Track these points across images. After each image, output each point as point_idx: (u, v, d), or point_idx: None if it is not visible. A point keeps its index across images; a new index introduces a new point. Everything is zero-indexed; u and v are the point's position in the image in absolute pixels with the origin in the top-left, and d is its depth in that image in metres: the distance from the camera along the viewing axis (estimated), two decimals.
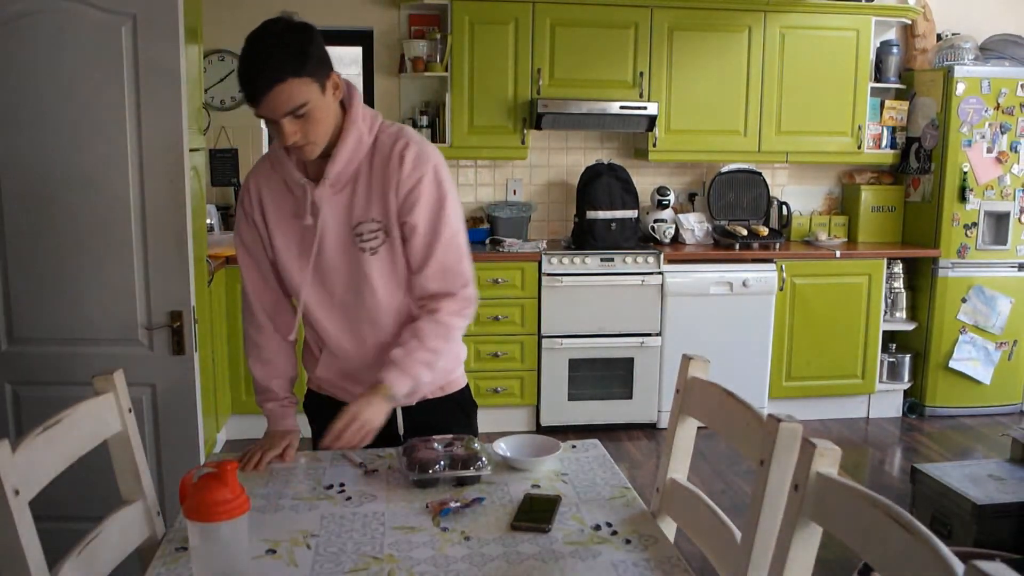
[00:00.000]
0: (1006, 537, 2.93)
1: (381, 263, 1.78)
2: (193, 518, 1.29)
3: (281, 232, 1.80)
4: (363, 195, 1.76)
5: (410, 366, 1.75)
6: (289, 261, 1.81)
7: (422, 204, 1.74)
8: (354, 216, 1.76)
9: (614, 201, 4.54)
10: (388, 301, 1.81)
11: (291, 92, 1.58)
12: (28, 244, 2.36)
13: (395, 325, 1.83)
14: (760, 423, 1.42)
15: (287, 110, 1.59)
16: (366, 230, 1.76)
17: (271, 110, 1.59)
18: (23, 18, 2.27)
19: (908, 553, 1.04)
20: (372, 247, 1.77)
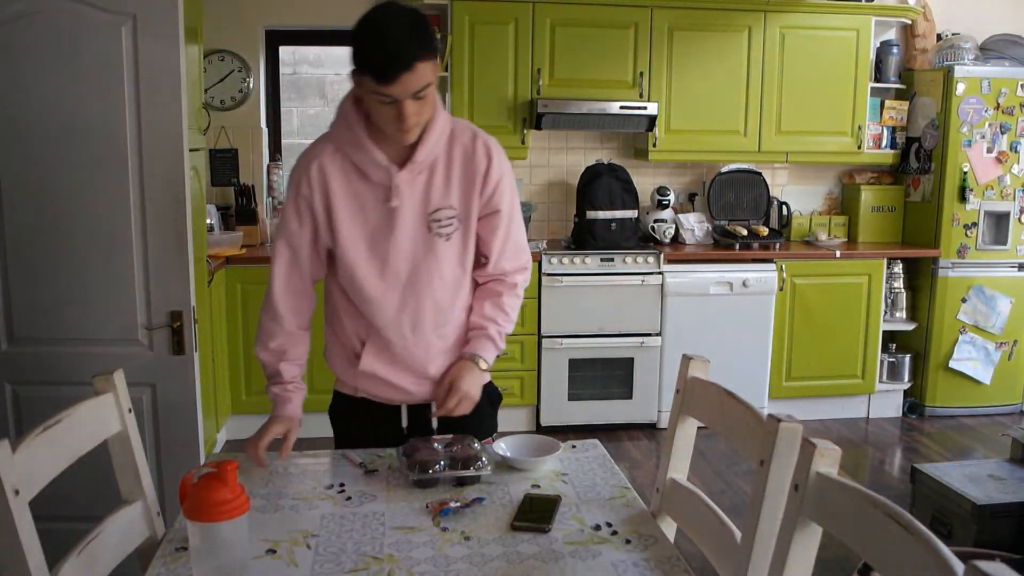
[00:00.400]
0: (1006, 537, 2.93)
1: (452, 249, 1.82)
2: (193, 518, 1.29)
3: (349, 217, 1.78)
4: (442, 181, 1.79)
5: (498, 337, 1.86)
6: (353, 247, 1.79)
7: (507, 193, 1.86)
8: (432, 202, 1.79)
9: (614, 201, 4.54)
10: (453, 287, 1.84)
11: (424, 73, 1.61)
12: (28, 244, 2.36)
13: (456, 310, 1.86)
14: (760, 423, 1.42)
15: (416, 89, 1.62)
16: (443, 216, 1.80)
17: (403, 89, 1.60)
18: (23, 18, 2.27)
19: (908, 553, 1.04)
20: (447, 233, 1.80)
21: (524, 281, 1.95)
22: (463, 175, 1.80)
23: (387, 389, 1.89)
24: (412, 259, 1.80)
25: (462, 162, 1.80)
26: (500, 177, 1.83)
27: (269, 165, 4.75)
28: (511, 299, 1.90)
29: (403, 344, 1.84)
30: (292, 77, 5.21)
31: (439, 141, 1.78)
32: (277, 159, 4.82)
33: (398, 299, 1.81)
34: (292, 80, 5.21)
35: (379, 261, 1.80)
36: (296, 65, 5.24)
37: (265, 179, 4.72)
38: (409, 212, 1.78)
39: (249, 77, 4.64)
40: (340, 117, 1.79)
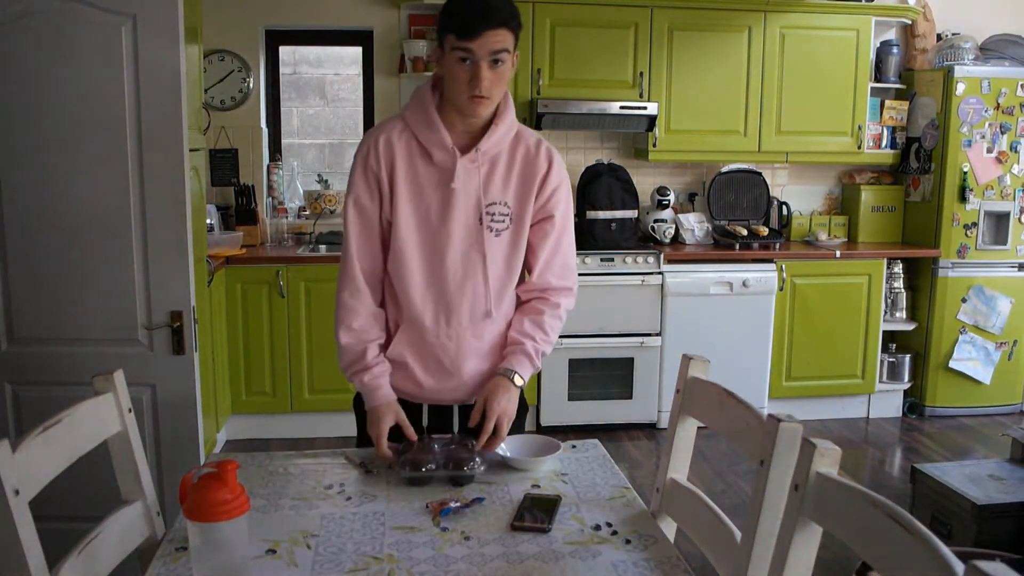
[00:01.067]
0: (1006, 537, 2.93)
1: (501, 246, 1.84)
2: (193, 518, 1.29)
3: (408, 195, 1.80)
4: (501, 177, 1.82)
5: (536, 356, 1.86)
6: (407, 226, 1.80)
7: (563, 204, 1.88)
8: (489, 195, 1.81)
9: (614, 201, 4.54)
10: (497, 286, 1.84)
11: (506, 38, 1.68)
12: (28, 244, 2.36)
13: (496, 313, 1.86)
14: (760, 423, 1.42)
15: (497, 50, 1.67)
16: (497, 211, 1.82)
17: (484, 46, 1.66)
18: (23, 18, 2.27)
19: (908, 553, 1.04)
20: (498, 229, 1.82)
21: (568, 305, 1.93)
22: (522, 175, 1.84)
23: (408, 382, 1.88)
24: (461, 248, 1.81)
25: (523, 163, 1.84)
26: (558, 185, 1.87)
27: (269, 165, 4.75)
28: (552, 320, 1.89)
29: (436, 333, 1.84)
30: (292, 77, 5.21)
31: (505, 136, 1.82)
32: (277, 159, 4.82)
33: (441, 285, 1.82)
34: (292, 80, 5.21)
35: (429, 244, 1.81)
36: (296, 65, 5.24)
37: (265, 179, 4.72)
38: (464, 199, 1.80)
39: (249, 77, 4.64)
40: (415, 99, 1.83)
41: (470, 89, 1.70)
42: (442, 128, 1.78)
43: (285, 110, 5.03)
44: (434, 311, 1.83)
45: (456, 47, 1.68)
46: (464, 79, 1.70)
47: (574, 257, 1.94)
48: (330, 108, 5.29)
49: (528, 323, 1.87)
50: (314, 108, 5.28)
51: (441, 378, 1.87)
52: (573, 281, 1.94)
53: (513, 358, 1.84)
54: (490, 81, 1.70)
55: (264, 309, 4.23)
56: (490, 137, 1.79)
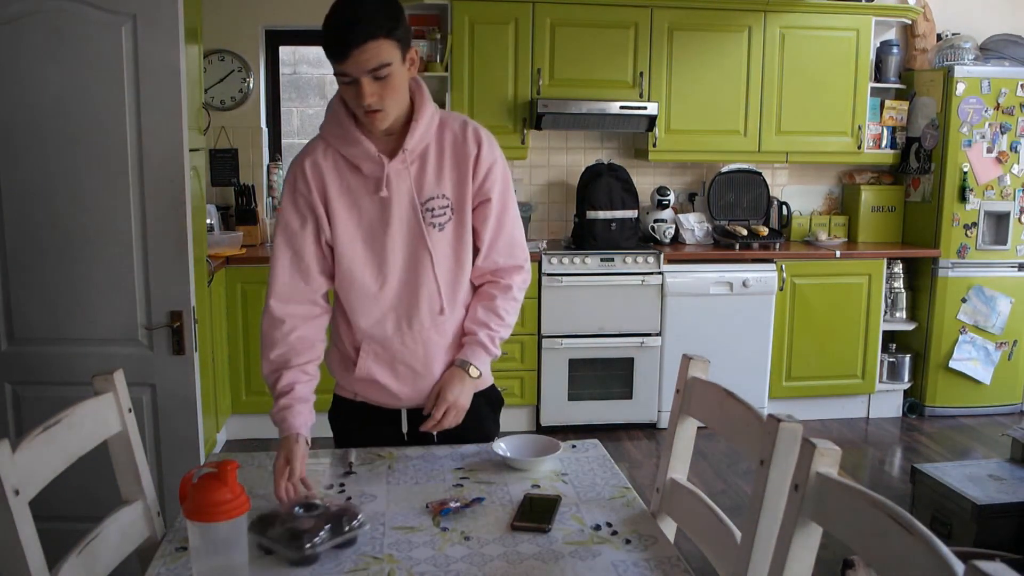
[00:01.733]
0: (1006, 537, 2.93)
1: (446, 240, 1.81)
2: (193, 518, 1.29)
3: (344, 210, 1.78)
4: (433, 171, 1.79)
5: (489, 342, 1.83)
6: (350, 240, 1.79)
7: (499, 182, 1.84)
8: (424, 191, 1.79)
9: (614, 201, 4.54)
10: (450, 279, 1.83)
11: (379, 50, 1.62)
12: (28, 244, 2.36)
13: (454, 306, 1.84)
14: (760, 423, 1.42)
15: (371, 67, 1.62)
16: (436, 205, 1.79)
17: (356, 65, 1.62)
18: (23, 18, 2.27)
19: (908, 553, 1.04)
20: (440, 223, 1.80)
21: (521, 282, 1.90)
22: (454, 163, 1.80)
23: (385, 395, 1.88)
24: (407, 250, 1.79)
25: (452, 150, 1.80)
26: (491, 164, 1.82)
27: (269, 165, 4.75)
28: (505, 302, 1.86)
29: (401, 340, 1.82)
30: (292, 77, 5.21)
31: (428, 130, 1.78)
32: (277, 159, 4.82)
33: (394, 292, 1.81)
34: (292, 80, 5.21)
35: (375, 255, 1.79)
36: (296, 65, 5.24)
37: (265, 179, 4.72)
38: (402, 202, 1.77)
39: (249, 77, 4.64)
40: (330, 115, 1.80)
41: (358, 106, 1.67)
42: (363, 139, 1.74)
43: (285, 110, 5.03)
44: (395, 319, 1.82)
45: (335, 71, 1.65)
46: (351, 97, 1.67)
47: (520, 232, 1.91)
48: None
49: (481, 311, 1.85)
50: (314, 108, 5.28)
51: (415, 383, 1.86)
52: (523, 258, 1.91)
53: (468, 349, 1.83)
54: (377, 96, 1.65)
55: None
56: (413, 135, 1.75)
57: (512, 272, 1.89)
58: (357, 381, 1.88)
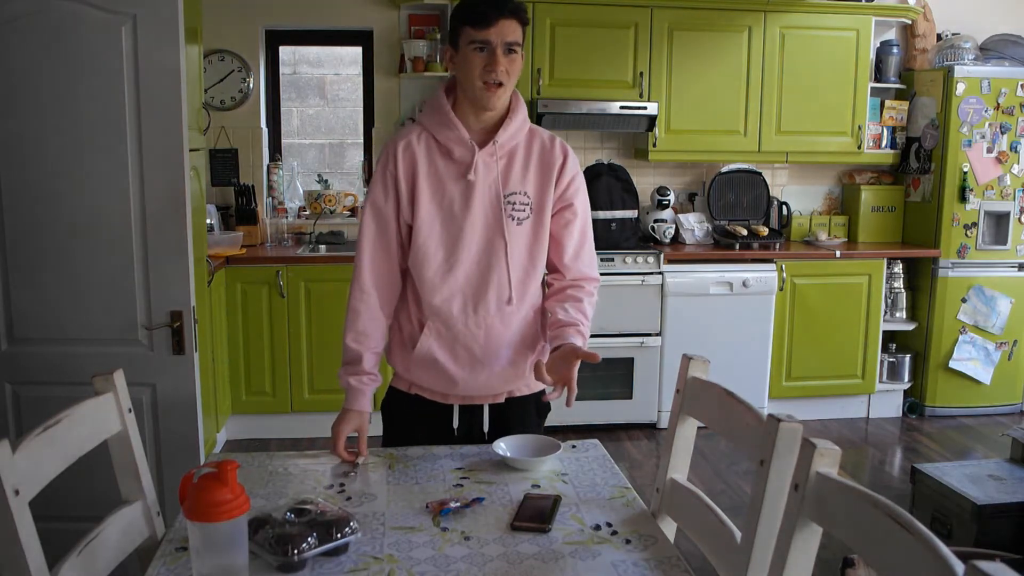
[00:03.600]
0: (1006, 537, 2.93)
1: (523, 234, 1.88)
2: (193, 518, 1.29)
3: (429, 192, 1.85)
4: (520, 169, 1.89)
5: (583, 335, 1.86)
6: (430, 222, 1.85)
7: (582, 194, 1.95)
8: (509, 185, 1.87)
9: (614, 201, 4.54)
10: (520, 274, 1.88)
11: (517, 29, 1.79)
12: (28, 244, 2.36)
13: (522, 301, 1.89)
14: (760, 423, 1.42)
15: (510, 40, 1.77)
16: (517, 200, 1.87)
17: (499, 33, 1.76)
18: (23, 18, 2.27)
19: (908, 553, 1.04)
20: (519, 217, 1.88)
21: (593, 291, 1.97)
22: (540, 167, 1.90)
23: (439, 379, 1.90)
24: (483, 237, 1.86)
25: (539, 155, 1.90)
26: (575, 175, 1.93)
27: (269, 165, 4.75)
28: (589, 307, 1.92)
29: (464, 322, 1.87)
30: (292, 77, 5.21)
31: (520, 130, 1.89)
32: (277, 159, 4.82)
33: (465, 275, 1.86)
34: (292, 80, 5.20)
35: (451, 236, 1.85)
36: (296, 65, 5.23)
37: (265, 179, 4.72)
38: (485, 191, 1.85)
39: (249, 77, 4.64)
40: (429, 106, 1.91)
41: (486, 75, 1.77)
42: (459, 125, 1.84)
43: (285, 110, 5.03)
44: (461, 301, 1.87)
45: (472, 39, 1.77)
46: (480, 66, 1.77)
47: (593, 246, 2.00)
48: (330, 108, 5.29)
49: (572, 308, 1.89)
50: (314, 108, 5.28)
51: (473, 369, 1.89)
52: (596, 266, 1.99)
53: (573, 337, 1.82)
54: (505, 68, 1.78)
55: (264, 309, 4.23)
56: (506, 129, 1.85)
57: (592, 283, 1.96)
58: (415, 363, 1.91)
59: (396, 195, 1.87)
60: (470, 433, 1.95)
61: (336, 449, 1.83)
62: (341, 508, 1.51)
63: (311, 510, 1.46)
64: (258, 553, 1.39)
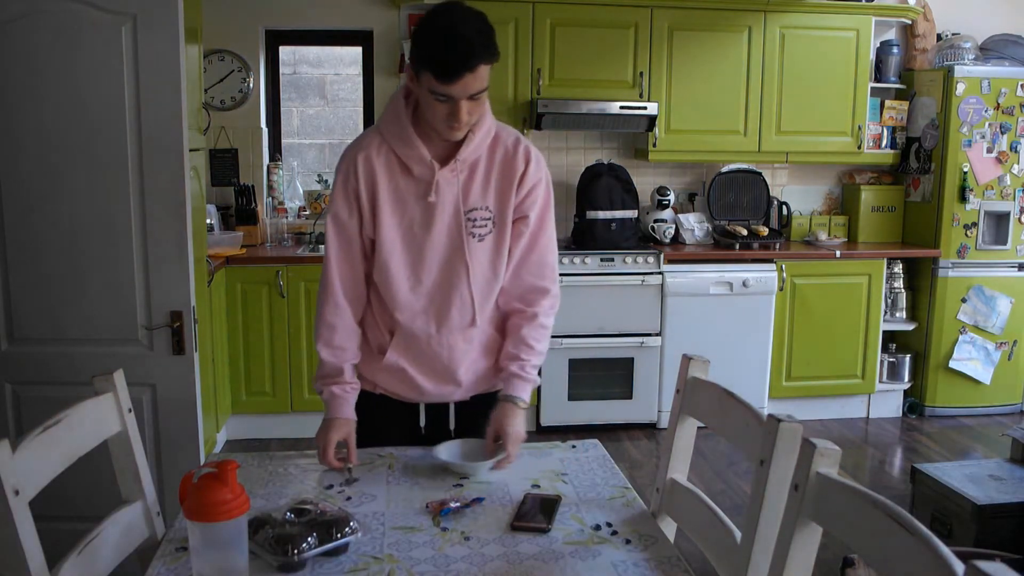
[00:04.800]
0: (1006, 537, 2.93)
1: (484, 251, 1.83)
2: (193, 518, 1.29)
3: (390, 209, 1.81)
4: (480, 183, 1.82)
5: (530, 374, 1.86)
6: (391, 239, 1.81)
7: (540, 201, 1.86)
8: (469, 201, 1.81)
9: (614, 201, 4.54)
10: (482, 289, 1.85)
11: (484, 75, 1.66)
12: (28, 244, 2.37)
13: (481, 315, 1.87)
14: (760, 423, 1.42)
15: (475, 91, 1.65)
16: (478, 216, 1.82)
17: (463, 88, 1.63)
18: (23, 18, 2.27)
19: (908, 553, 1.04)
20: (480, 234, 1.82)
21: (548, 307, 1.91)
22: (501, 177, 1.82)
23: (407, 387, 1.91)
24: (445, 256, 1.82)
25: (502, 164, 1.83)
26: (536, 183, 1.84)
27: (269, 165, 4.75)
28: (532, 330, 1.88)
29: (427, 341, 1.86)
30: (292, 77, 5.21)
31: (483, 142, 1.81)
32: (277, 159, 4.82)
33: (428, 295, 1.84)
34: (292, 80, 5.20)
35: (414, 255, 1.82)
36: (296, 65, 5.24)
37: (265, 179, 4.72)
38: (446, 209, 1.80)
39: (249, 77, 4.64)
40: (389, 111, 1.82)
41: (448, 123, 1.69)
42: (419, 143, 1.77)
43: (285, 110, 5.03)
44: (424, 320, 1.85)
45: (433, 89, 1.64)
46: (442, 115, 1.68)
47: (553, 257, 1.92)
48: (330, 108, 5.30)
49: (511, 344, 1.88)
50: (314, 108, 5.28)
51: (439, 382, 1.90)
52: (551, 280, 1.91)
53: (507, 384, 1.85)
54: (469, 114, 1.68)
55: (264, 309, 4.23)
56: (468, 146, 1.78)
57: (539, 296, 1.90)
58: (381, 371, 1.91)
59: (359, 210, 1.82)
60: (438, 432, 1.93)
61: (326, 458, 1.80)
62: (341, 508, 1.51)
63: (311, 510, 1.46)
64: (258, 553, 1.39)
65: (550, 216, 1.90)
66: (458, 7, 1.68)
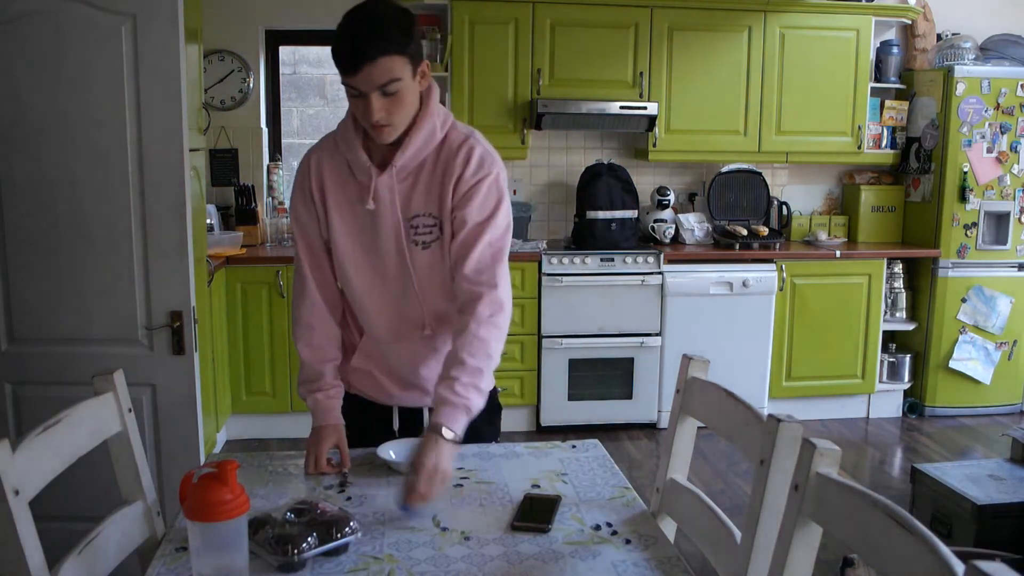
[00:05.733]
0: (1006, 537, 2.93)
1: (429, 259, 1.78)
2: (193, 518, 1.29)
3: (339, 214, 1.78)
4: (423, 188, 1.76)
5: (460, 398, 1.65)
6: (344, 243, 1.79)
7: (476, 202, 1.74)
8: (412, 208, 1.76)
9: (614, 201, 4.54)
10: (431, 298, 1.81)
11: (391, 67, 1.59)
12: (28, 244, 2.37)
13: (434, 323, 1.83)
14: (760, 423, 1.42)
15: (381, 83, 1.59)
16: (421, 223, 1.77)
17: (366, 81, 1.59)
18: (23, 18, 2.27)
19: (908, 553, 1.04)
20: (424, 241, 1.77)
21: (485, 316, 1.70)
22: (441, 180, 1.75)
23: (376, 390, 1.91)
24: (391, 263, 1.79)
25: (444, 167, 1.75)
26: (475, 183, 1.73)
27: (269, 165, 4.75)
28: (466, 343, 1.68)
29: (388, 346, 1.85)
30: (292, 77, 5.21)
31: (425, 146, 1.73)
32: (277, 159, 4.82)
33: (383, 300, 1.82)
34: (292, 80, 5.21)
35: (368, 261, 1.80)
36: (296, 65, 5.24)
37: (265, 179, 4.72)
38: (388, 217, 1.75)
39: (249, 77, 4.64)
40: (346, 114, 1.79)
41: (365, 120, 1.64)
42: (359, 148, 1.73)
43: (285, 110, 5.03)
44: (385, 324, 1.83)
45: (344, 82, 1.62)
46: (359, 111, 1.64)
47: (496, 261, 1.75)
48: (330, 108, 5.30)
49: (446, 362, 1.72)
50: (314, 108, 5.28)
51: (404, 386, 1.89)
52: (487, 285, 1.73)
53: (437, 410, 1.65)
54: (385, 111, 1.62)
55: (264, 309, 4.23)
56: (404, 152, 1.71)
57: (474, 303, 1.72)
58: (352, 372, 1.91)
59: (316, 212, 1.80)
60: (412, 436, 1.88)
61: (320, 467, 1.75)
62: (341, 508, 1.51)
63: (311, 510, 1.46)
64: (258, 553, 1.39)
65: (496, 222, 1.75)
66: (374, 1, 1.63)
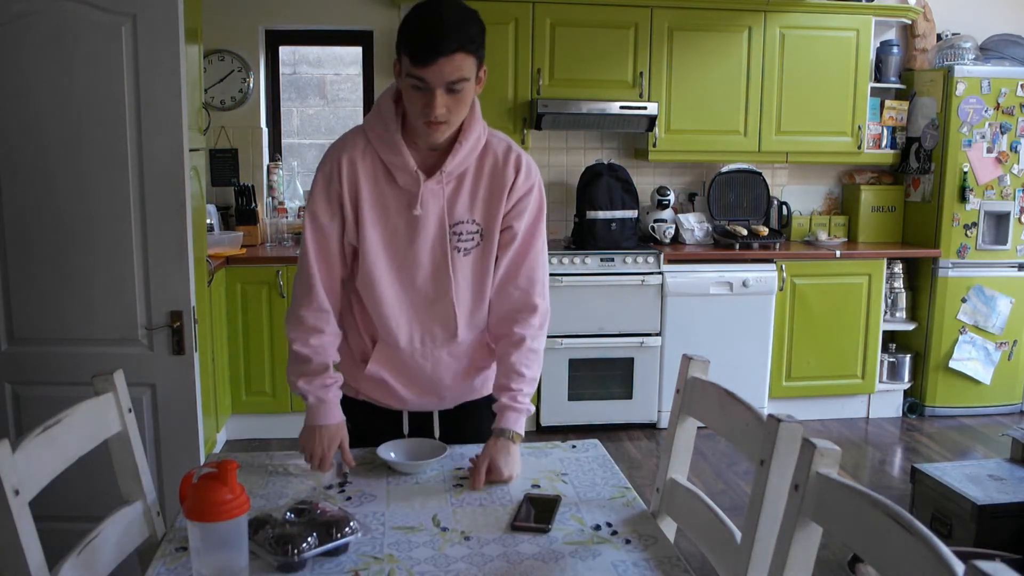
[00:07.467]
0: (1006, 537, 2.93)
1: (470, 266, 1.78)
2: (193, 518, 1.29)
3: (373, 217, 1.73)
4: (468, 194, 1.75)
5: (523, 404, 1.78)
6: (375, 249, 1.75)
7: (528, 211, 1.78)
8: (455, 214, 1.74)
9: (614, 201, 4.54)
10: (468, 305, 1.80)
11: (462, 64, 1.59)
12: (28, 244, 2.36)
13: (470, 330, 1.82)
14: (760, 423, 1.42)
15: (450, 80, 1.58)
16: (464, 230, 1.75)
17: (437, 75, 1.57)
18: (23, 18, 2.27)
19: (908, 553, 1.04)
20: (466, 248, 1.76)
21: (537, 329, 1.81)
22: (489, 188, 1.75)
23: (389, 396, 1.88)
24: (429, 269, 1.77)
25: (491, 175, 1.75)
26: (525, 194, 1.77)
27: (269, 165, 4.75)
28: (521, 356, 1.78)
29: (411, 353, 1.82)
30: (292, 77, 5.21)
31: (472, 152, 1.74)
32: (277, 159, 4.82)
33: (410, 308, 1.79)
34: (292, 80, 5.21)
35: (398, 267, 1.77)
36: (296, 65, 5.24)
37: (265, 179, 4.72)
38: (431, 222, 1.73)
39: (249, 77, 4.64)
40: (376, 113, 1.75)
41: (424, 115, 1.61)
42: (405, 151, 1.70)
43: (285, 110, 5.03)
44: (408, 332, 1.80)
45: (411, 73, 1.59)
46: (419, 105, 1.61)
47: (543, 271, 1.83)
48: (330, 108, 5.30)
49: (501, 374, 1.81)
50: (314, 108, 5.28)
51: (421, 394, 1.87)
52: (539, 296, 1.81)
53: (501, 417, 1.77)
54: (447, 108, 1.61)
55: (264, 309, 4.23)
56: (455, 157, 1.71)
57: (527, 315, 1.80)
58: (364, 379, 1.87)
59: (341, 215, 1.75)
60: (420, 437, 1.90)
61: (324, 466, 1.74)
62: (341, 508, 1.51)
63: (311, 510, 1.46)
64: (258, 553, 1.39)
65: (541, 228, 1.82)
66: None
